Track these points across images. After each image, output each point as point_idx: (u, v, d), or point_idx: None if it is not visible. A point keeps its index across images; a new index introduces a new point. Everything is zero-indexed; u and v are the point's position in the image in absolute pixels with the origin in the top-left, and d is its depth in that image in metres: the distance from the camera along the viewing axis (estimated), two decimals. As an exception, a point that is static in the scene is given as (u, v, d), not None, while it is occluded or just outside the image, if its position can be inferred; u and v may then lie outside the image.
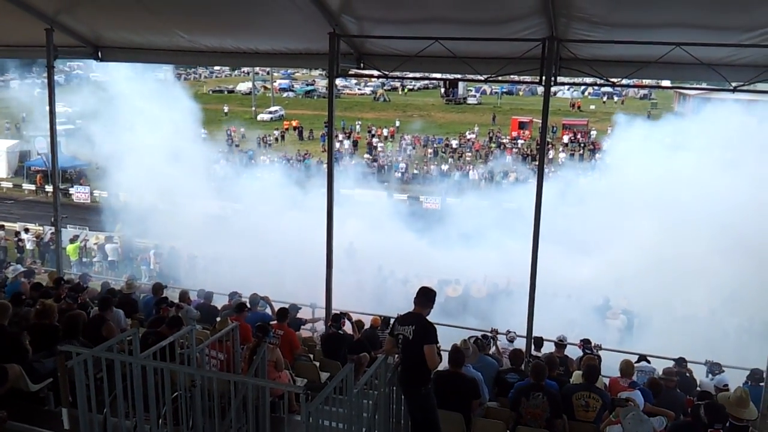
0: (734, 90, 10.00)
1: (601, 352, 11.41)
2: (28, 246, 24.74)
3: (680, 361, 10.45)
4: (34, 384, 7.74)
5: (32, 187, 39.51)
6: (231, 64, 49.97)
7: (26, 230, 26.00)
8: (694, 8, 9.34)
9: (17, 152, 42.75)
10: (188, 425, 6.33)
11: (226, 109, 64.57)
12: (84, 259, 23.51)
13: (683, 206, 20.00)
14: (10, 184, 40.89)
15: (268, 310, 12.19)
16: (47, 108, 13.99)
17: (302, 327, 12.97)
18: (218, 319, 10.75)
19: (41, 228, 26.27)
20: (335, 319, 11.03)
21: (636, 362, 10.03)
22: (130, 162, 26.20)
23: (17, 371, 7.58)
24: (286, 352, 9.24)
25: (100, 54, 14.07)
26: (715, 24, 9.38)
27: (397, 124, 58.86)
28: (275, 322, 10.18)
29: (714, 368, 10.62)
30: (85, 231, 25.86)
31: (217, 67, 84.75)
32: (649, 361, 10.54)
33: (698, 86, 10.62)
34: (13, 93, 47.16)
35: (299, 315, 12.86)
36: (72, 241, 23.39)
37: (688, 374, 10.30)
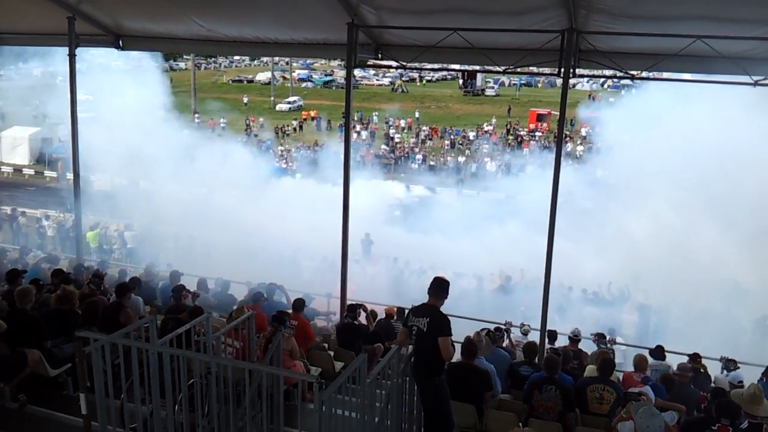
0: (755, 84, 9.87)
1: (616, 347, 11.40)
2: (49, 233, 25.05)
3: (694, 357, 10.39)
4: (53, 369, 7.89)
5: (54, 174, 39.93)
6: (250, 54, 50.10)
7: (47, 217, 26.33)
8: (715, 1, 9.22)
9: (40, 139, 43.23)
10: (203, 412, 6.41)
11: (245, 99, 64.70)
12: (105, 246, 23.76)
13: (695, 193, 19.86)
14: (32, 171, 41.37)
15: (284, 299, 12.28)
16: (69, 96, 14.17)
17: (317, 317, 13.05)
18: (234, 307, 10.84)
19: (61, 215, 26.55)
20: (351, 310, 11.08)
21: (651, 361, 9.93)
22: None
23: (36, 357, 7.73)
24: (300, 342, 9.30)
25: (121, 43, 14.20)
26: (737, 16, 9.25)
27: (417, 115, 58.73)
28: (291, 311, 10.27)
29: (729, 364, 10.52)
30: (106, 218, 26.06)
31: (236, 57, 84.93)
32: (665, 358, 10.41)
33: (718, 80, 10.51)
34: (36, 81, 47.58)
35: (312, 306, 12.93)
36: (92, 228, 23.63)
37: (702, 370, 10.24)
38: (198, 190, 26.06)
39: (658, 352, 10.24)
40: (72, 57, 13.77)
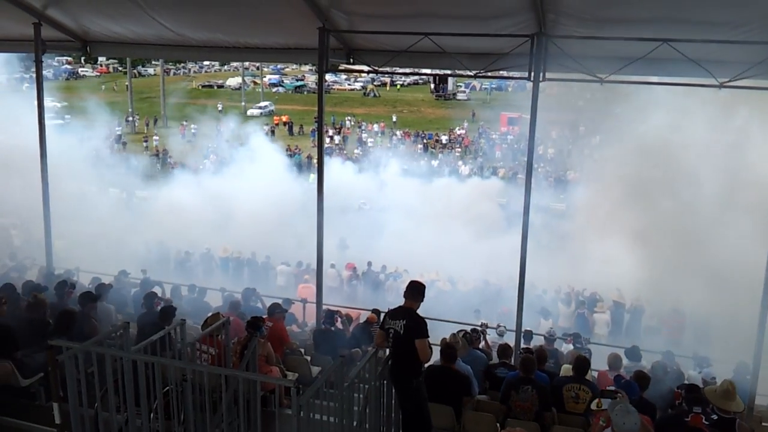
0: (721, 86, 10.07)
1: (590, 346, 11.51)
2: (17, 242, 24.51)
3: (668, 355, 10.53)
4: (25, 379, 7.75)
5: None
6: (220, 59, 49.79)
7: (14, 225, 25.77)
8: (682, 4, 9.38)
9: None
10: (179, 419, 6.35)
11: (220, 106, 63.95)
12: (75, 254, 23.28)
13: (669, 190, 20.15)
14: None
15: (260, 305, 12.23)
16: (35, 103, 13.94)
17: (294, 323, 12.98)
18: (209, 314, 10.76)
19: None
20: (328, 316, 11.03)
21: (626, 362, 10.02)
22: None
23: (9, 369, 7.61)
24: (275, 344, 9.26)
25: (88, 49, 14.02)
26: (703, 20, 9.43)
27: (394, 119, 58.83)
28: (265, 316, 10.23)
29: (702, 362, 10.72)
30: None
31: (206, 62, 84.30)
32: (640, 358, 10.50)
33: (685, 82, 10.71)
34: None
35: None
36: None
37: (675, 367, 10.40)
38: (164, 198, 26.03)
39: (634, 353, 10.36)
40: (38, 63, 13.55)
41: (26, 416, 7.34)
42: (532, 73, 10.43)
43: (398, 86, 76.66)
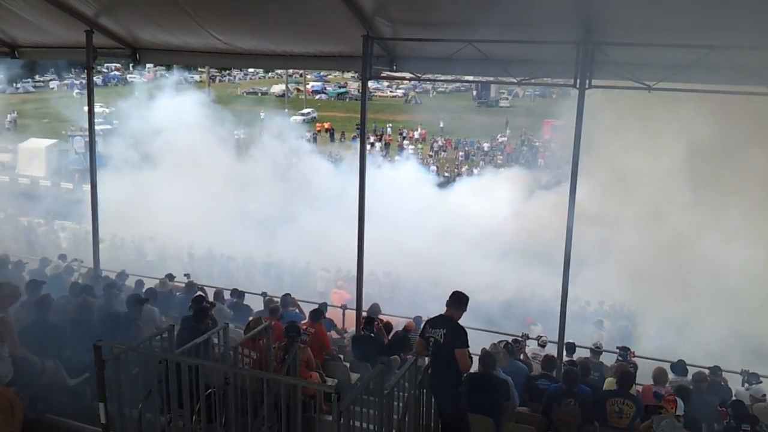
0: (772, 93, 9.75)
1: (637, 360, 11.25)
2: (66, 244, 25.17)
3: (715, 370, 10.23)
4: (72, 378, 7.94)
5: (70, 185, 40.27)
6: (266, 66, 50.39)
7: (63, 228, 26.53)
8: (732, 10, 9.12)
9: (56, 151, 43.78)
10: (221, 422, 6.41)
11: (262, 114, 64.76)
12: (121, 258, 23.82)
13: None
14: (48, 183, 41.73)
15: (297, 310, 12.32)
16: (86, 108, 14.33)
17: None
18: (251, 318, 10.87)
19: (77, 225, 26.75)
20: (368, 322, 11.02)
21: (672, 376, 9.77)
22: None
23: (52, 366, 7.79)
24: (315, 350, 9.29)
25: (138, 56, 14.34)
26: (753, 26, 9.16)
27: (441, 125, 58.56)
28: (306, 321, 10.30)
29: (751, 378, 10.40)
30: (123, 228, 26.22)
31: (251, 69, 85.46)
32: (686, 373, 10.23)
33: (735, 90, 10.40)
34: (52, 93, 48.19)
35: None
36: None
37: (723, 383, 10.10)
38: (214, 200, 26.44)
39: (680, 367, 10.09)
40: (90, 70, 13.94)
41: (72, 415, 7.49)
42: (578, 81, 10.28)
43: (434, 93, 76.32)
